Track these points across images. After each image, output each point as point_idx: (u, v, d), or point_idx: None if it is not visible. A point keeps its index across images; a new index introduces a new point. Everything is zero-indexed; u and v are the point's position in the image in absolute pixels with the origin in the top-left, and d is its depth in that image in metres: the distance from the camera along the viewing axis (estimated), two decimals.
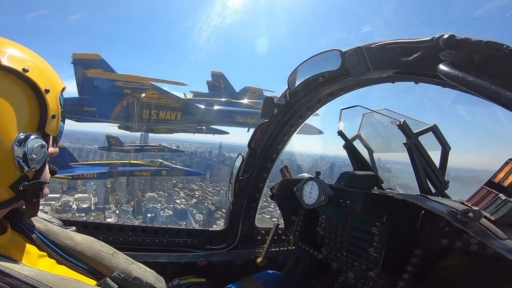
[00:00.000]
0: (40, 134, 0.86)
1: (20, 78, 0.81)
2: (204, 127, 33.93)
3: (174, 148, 37.28)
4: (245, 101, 33.94)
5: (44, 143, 0.85)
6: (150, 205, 50.18)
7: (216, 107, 31.94)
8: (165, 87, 30.62)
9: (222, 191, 58.72)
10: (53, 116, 0.88)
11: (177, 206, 51.78)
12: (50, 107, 0.86)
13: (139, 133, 34.77)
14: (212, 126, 35.39)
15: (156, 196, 54.47)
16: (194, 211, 50.30)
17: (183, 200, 56.15)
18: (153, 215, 45.65)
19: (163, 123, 31.14)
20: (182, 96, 32.70)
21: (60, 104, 0.92)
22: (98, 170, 33.48)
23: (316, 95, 2.15)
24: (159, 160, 36.52)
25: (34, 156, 0.82)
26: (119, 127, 33.69)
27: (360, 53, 1.45)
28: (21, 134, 0.80)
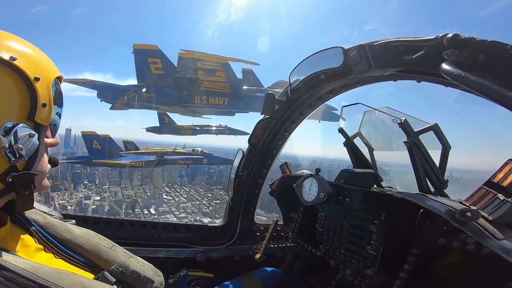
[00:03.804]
0: (31, 123, 0.83)
1: (8, 66, 0.79)
2: (235, 111, 34.18)
3: (188, 151, 38.22)
4: (279, 90, 34.40)
5: (33, 132, 0.83)
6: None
7: (257, 94, 32.47)
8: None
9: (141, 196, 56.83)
10: (44, 105, 0.85)
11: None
12: (40, 95, 0.84)
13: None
14: (233, 127, 36.67)
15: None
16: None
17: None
18: None
19: (211, 108, 32.22)
20: None
21: (54, 93, 0.90)
22: (146, 158, 35.39)
23: (318, 92, 2.14)
24: (200, 148, 37.93)
25: (21, 145, 0.80)
26: (158, 132, 35.26)
27: (362, 51, 1.44)
28: (7, 123, 0.78)
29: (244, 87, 32.63)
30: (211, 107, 31.67)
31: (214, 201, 61.53)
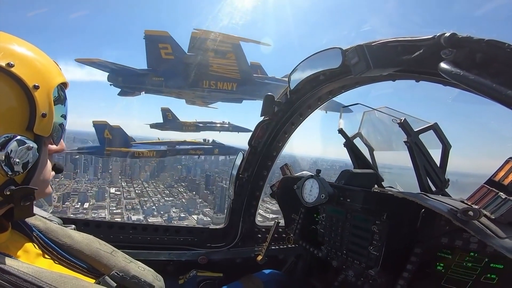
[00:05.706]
0: (30, 135, 0.79)
1: (5, 73, 0.74)
2: (242, 98, 33.74)
3: (199, 141, 37.87)
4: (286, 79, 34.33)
5: (32, 144, 0.78)
6: None
7: (266, 81, 32.11)
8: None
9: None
10: (43, 115, 0.80)
11: None
12: (39, 105, 0.78)
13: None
14: (236, 125, 36.81)
15: None
16: None
17: None
18: None
19: (220, 92, 31.85)
20: None
21: (56, 96, 0.86)
22: (157, 148, 35.28)
23: (317, 93, 2.14)
24: (212, 138, 37.78)
25: (17, 160, 0.76)
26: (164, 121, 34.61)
27: (361, 51, 1.44)
28: (4, 135, 0.74)
29: (253, 74, 32.18)
30: (220, 91, 31.31)
31: (166, 198, 60.35)
